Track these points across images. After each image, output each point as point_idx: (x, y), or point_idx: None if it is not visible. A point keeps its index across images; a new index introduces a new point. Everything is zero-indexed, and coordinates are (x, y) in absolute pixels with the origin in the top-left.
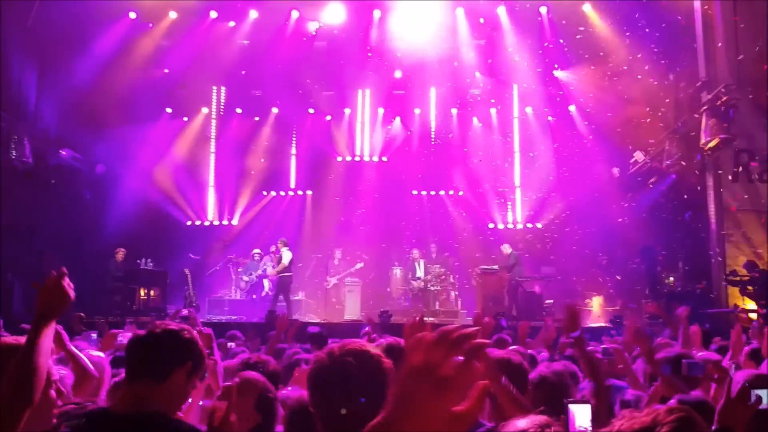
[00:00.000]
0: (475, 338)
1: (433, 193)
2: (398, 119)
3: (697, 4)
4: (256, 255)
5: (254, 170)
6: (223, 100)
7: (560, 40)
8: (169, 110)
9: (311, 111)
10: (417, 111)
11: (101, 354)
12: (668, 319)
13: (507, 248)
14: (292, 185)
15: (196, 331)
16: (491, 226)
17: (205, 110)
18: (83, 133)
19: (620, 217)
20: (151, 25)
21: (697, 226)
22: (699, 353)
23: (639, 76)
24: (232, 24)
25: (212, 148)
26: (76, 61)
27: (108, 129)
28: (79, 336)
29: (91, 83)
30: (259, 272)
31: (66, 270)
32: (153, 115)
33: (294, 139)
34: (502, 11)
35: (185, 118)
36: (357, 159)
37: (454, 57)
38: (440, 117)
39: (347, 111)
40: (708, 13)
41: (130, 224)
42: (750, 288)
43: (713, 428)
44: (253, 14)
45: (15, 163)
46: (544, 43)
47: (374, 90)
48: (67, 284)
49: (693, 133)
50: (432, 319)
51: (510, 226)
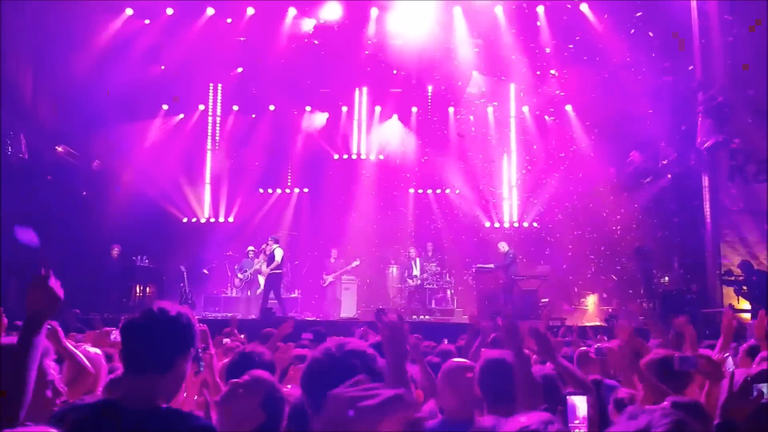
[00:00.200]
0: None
1: (429, 191)
2: (395, 117)
3: (694, 5)
4: (250, 252)
5: (251, 168)
6: (219, 97)
7: (557, 40)
8: (165, 107)
9: (308, 109)
10: (414, 109)
11: (98, 350)
12: (650, 321)
13: (504, 246)
14: (289, 183)
15: None
16: (487, 224)
17: (201, 107)
18: (80, 129)
19: (616, 217)
20: (147, 21)
21: (693, 225)
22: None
23: (636, 76)
24: (229, 21)
25: (209, 145)
26: (73, 56)
27: (104, 125)
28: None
29: (87, 79)
30: (254, 269)
31: (51, 271)
32: (150, 111)
33: (291, 137)
34: (499, 10)
35: (182, 115)
36: (354, 157)
37: (451, 55)
38: (437, 115)
39: (344, 109)
40: (704, 13)
41: (126, 221)
42: (745, 288)
43: (715, 423)
44: (250, 11)
45: (11, 158)
46: (542, 43)
47: (371, 88)
48: (54, 284)
49: (689, 133)
50: (427, 317)
51: (506, 224)
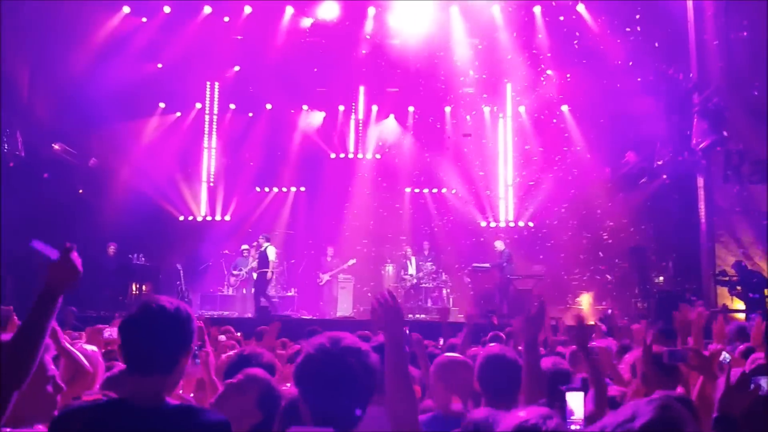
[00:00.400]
0: None
1: (426, 190)
2: (392, 117)
3: (690, 6)
4: (245, 251)
5: (247, 166)
6: (216, 96)
7: (554, 40)
8: (162, 105)
9: (305, 108)
10: (411, 109)
11: (95, 348)
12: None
13: (500, 245)
14: (286, 182)
15: None
16: (483, 224)
17: (198, 105)
18: (76, 127)
19: (611, 217)
20: (144, 19)
21: (687, 226)
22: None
23: (631, 77)
24: (226, 19)
25: (205, 144)
26: (70, 53)
27: (101, 123)
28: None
29: (84, 76)
30: (250, 267)
31: (74, 245)
32: (146, 109)
33: (288, 136)
34: (496, 10)
35: (179, 113)
36: (350, 156)
37: (448, 55)
38: (433, 115)
39: (341, 108)
40: (700, 14)
41: (122, 219)
42: (739, 288)
43: (715, 416)
44: (248, 10)
45: (7, 156)
46: (538, 43)
47: (368, 87)
48: (76, 258)
49: (685, 134)
50: (423, 316)
51: (502, 224)
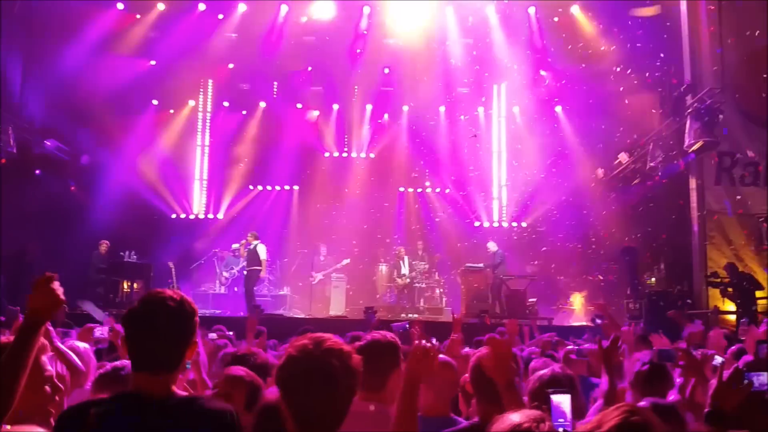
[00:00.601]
0: None
1: (419, 190)
2: (386, 116)
3: (684, 8)
4: (236, 250)
5: (241, 164)
6: (210, 93)
7: (548, 41)
8: (155, 102)
9: (299, 106)
10: (405, 108)
11: (86, 345)
12: (611, 321)
13: (493, 246)
14: (279, 180)
15: None
16: (477, 224)
17: (191, 103)
18: (69, 124)
19: (604, 218)
20: (138, 15)
21: (679, 227)
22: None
23: (625, 78)
24: (220, 17)
25: (198, 141)
26: (63, 50)
27: (94, 120)
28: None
29: (77, 73)
30: (241, 266)
31: (56, 275)
32: (139, 106)
33: (282, 134)
34: (491, 11)
35: (171, 111)
36: (344, 155)
37: (442, 55)
38: (428, 115)
39: (335, 107)
40: (694, 17)
41: (114, 216)
42: (730, 290)
43: (705, 411)
44: (242, 7)
45: None
46: (533, 44)
47: (363, 86)
48: (57, 287)
49: (677, 135)
50: (416, 315)
51: (495, 224)
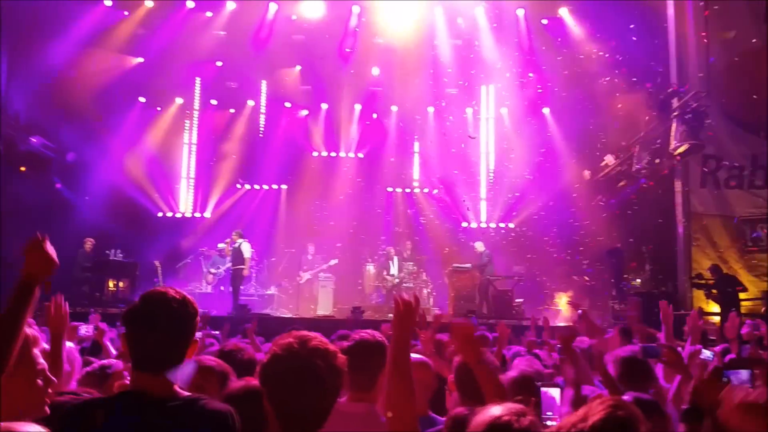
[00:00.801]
0: None
1: (408, 190)
2: (375, 116)
3: (671, 12)
4: (222, 249)
5: (228, 163)
6: (198, 91)
7: (536, 43)
8: (142, 99)
9: (288, 105)
10: (394, 108)
11: (71, 344)
12: (592, 327)
13: (480, 246)
14: (267, 179)
15: None
16: (464, 224)
17: (179, 100)
18: (55, 121)
19: (590, 219)
20: (126, 12)
21: (665, 229)
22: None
23: (612, 81)
24: (209, 14)
25: (186, 139)
26: (49, 46)
27: (80, 117)
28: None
29: (63, 70)
30: (227, 266)
31: (47, 235)
32: (126, 104)
33: (270, 133)
34: (480, 12)
35: (159, 108)
36: (333, 155)
37: (431, 55)
38: (416, 115)
39: (324, 106)
40: (681, 21)
41: (100, 214)
42: (714, 291)
43: (684, 408)
44: (231, 5)
45: None
46: (521, 45)
47: (351, 86)
48: (50, 248)
49: (663, 138)
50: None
51: (483, 225)
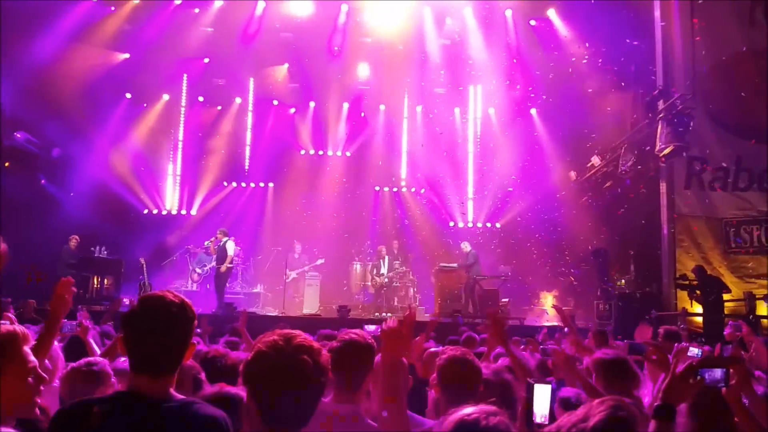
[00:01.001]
0: None
1: (395, 189)
2: (362, 115)
3: (658, 15)
4: (208, 247)
5: (215, 160)
6: (185, 88)
7: (524, 44)
8: (128, 96)
9: (275, 103)
10: (382, 107)
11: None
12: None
13: (467, 246)
14: (254, 177)
15: None
16: (451, 224)
17: (166, 97)
18: (40, 116)
19: (576, 220)
20: (113, 8)
21: (650, 230)
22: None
23: (599, 82)
24: (196, 11)
25: (172, 136)
26: (35, 41)
27: (65, 112)
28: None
29: (49, 65)
30: (212, 264)
31: (72, 281)
32: (112, 100)
33: (257, 131)
34: (468, 12)
35: (145, 105)
36: (320, 153)
37: (420, 55)
38: (404, 114)
39: (312, 104)
40: (668, 24)
41: (85, 211)
42: (698, 292)
43: (656, 405)
44: (218, 2)
45: None
46: (509, 46)
47: (339, 84)
48: (69, 295)
49: (649, 140)
50: (390, 315)
51: (470, 225)
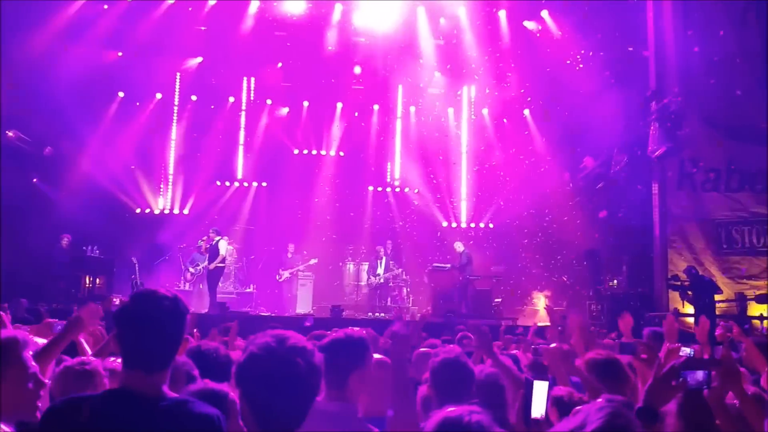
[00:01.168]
0: None
1: (389, 189)
2: (356, 114)
3: (650, 16)
4: (201, 246)
5: (208, 159)
6: (178, 87)
7: (518, 44)
8: (121, 94)
9: (269, 102)
10: (376, 107)
11: (45, 341)
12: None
13: (460, 246)
14: (247, 176)
15: None
16: (445, 224)
17: (159, 96)
18: (32, 114)
19: (568, 220)
20: (106, 6)
21: (642, 231)
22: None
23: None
24: (190, 9)
25: (165, 135)
26: (27, 39)
27: (58, 111)
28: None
29: (41, 62)
30: (205, 264)
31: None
32: (105, 98)
33: (250, 130)
34: (462, 12)
35: (138, 103)
36: (314, 153)
37: (413, 55)
38: (398, 114)
39: (305, 104)
40: (660, 25)
41: (77, 210)
42: (690, 293)
43: (638, 407)
44: (212, 1)
45: None
46: (502, 46)
47: (333, 84)
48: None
49: (641, 141)
50: (383, 314)
51: (463, 225)
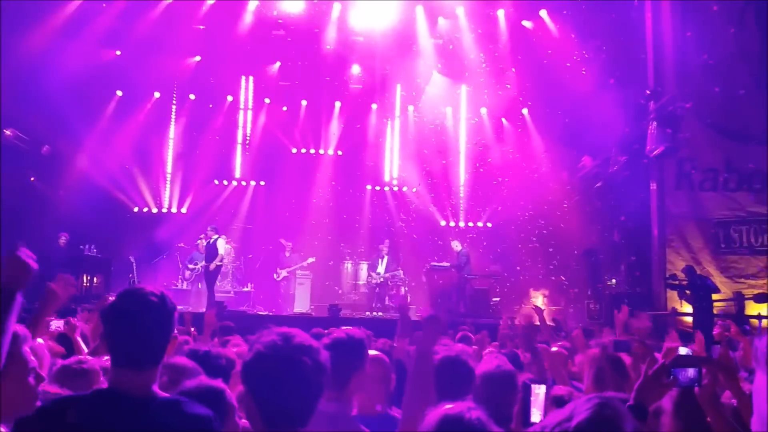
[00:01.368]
0: None
1: (387, 189)
2: (354, 113)
3: (649, 16)
4: (200, 245)
5: (206, 158)
6: (176, 86)
7: (516, 44)
8: (119, 93)
9: (267, 101)
10: (374, 106)
11: (40, 340)
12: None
13: (457, 245)
14: (245, 175)
15: None
16: (443, 223)
17: (157, 94)
18: (29, 113)
19: (566, 220)
20: (104, 5)
21: (640, 230)
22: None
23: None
24: (188, 8)
25: (163, 134)
26: (24, 37)
27: (55, 109)
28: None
29: (39, 61)
30: (203, 262)
31: (23, 245)
32: (103, 96)
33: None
34: (461, 12)
35: (136, 102)
36: (312, 152)
37: (412, 55)
38: (396, 113)
39: (304, 102)
40: (658, 25)
41: (74, 209)
42: (688, 292)
43: (628, 404)
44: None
45: None
46: (501, 46)
47: (331, 83)
48: (27, 256)
49: (640, 140)
50: (381, 314)
51: (461, 224)
